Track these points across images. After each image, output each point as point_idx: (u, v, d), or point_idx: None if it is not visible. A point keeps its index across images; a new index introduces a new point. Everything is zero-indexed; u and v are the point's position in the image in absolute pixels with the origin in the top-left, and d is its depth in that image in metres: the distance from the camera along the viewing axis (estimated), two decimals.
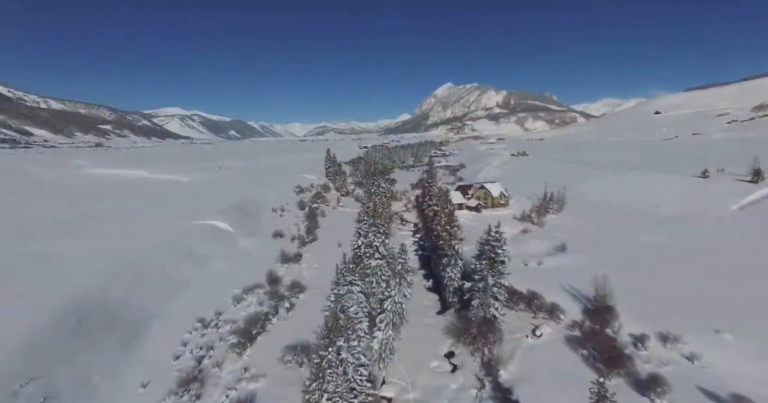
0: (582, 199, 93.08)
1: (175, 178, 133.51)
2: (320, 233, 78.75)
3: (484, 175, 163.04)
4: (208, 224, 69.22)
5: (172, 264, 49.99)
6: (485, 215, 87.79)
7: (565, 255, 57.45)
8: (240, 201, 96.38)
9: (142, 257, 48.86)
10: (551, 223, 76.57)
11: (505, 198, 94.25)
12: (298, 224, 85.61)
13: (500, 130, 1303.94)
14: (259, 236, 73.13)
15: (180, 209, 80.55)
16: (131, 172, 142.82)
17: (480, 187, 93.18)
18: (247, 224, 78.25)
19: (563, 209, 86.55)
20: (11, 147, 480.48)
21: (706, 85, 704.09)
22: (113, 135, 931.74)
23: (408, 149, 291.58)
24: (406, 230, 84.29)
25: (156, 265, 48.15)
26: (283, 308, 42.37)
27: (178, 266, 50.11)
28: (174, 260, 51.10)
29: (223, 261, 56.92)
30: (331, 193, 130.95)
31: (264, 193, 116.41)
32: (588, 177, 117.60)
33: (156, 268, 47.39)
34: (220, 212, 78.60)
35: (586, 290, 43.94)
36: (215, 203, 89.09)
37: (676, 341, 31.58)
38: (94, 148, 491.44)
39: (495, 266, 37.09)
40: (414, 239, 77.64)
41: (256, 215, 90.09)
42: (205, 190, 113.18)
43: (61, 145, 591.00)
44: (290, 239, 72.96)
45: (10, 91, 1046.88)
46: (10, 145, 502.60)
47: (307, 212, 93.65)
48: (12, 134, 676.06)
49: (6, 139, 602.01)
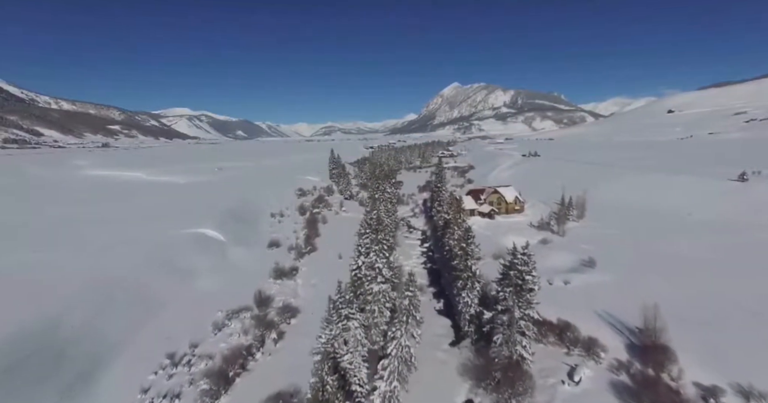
0: (603, 204, 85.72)
1: (172, 180, 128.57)
2: (320, 241, 72.60)
3: (495, 177, 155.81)
4: (197, 232, 63.46)
5: (150, 281, 44.16)
6: (499, 221, 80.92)
7: (594, 272, 50.50)
8: (236, 205, 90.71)
9: (115, 273, 43.11)
10: (573, 231, 69.45)
11: (520, 203, 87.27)
12: (297, 231, 79.58)
13: (508, 129, 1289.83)
14: (253, 245, 67.18)
15: (171, 214, 75.03)
16: (128, 173, 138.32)
17: (493, 191, 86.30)
18: (241, 231, 72.39)
19: (584, 215, 79.31)
20: (19, 147, 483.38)
21: (720, 84, 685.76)
22: (122, 135, 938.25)
23: (414, 149, 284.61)
24: (413, 238, 77.77)
25: (130, 282, 42.34)
26: (271, 338, 36.23)
27: (156, 284, 44.25)
28: (152, 276, 45.27)
29: (209, 276, 51.01)
30: (334, 196, 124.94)
31: (263, 196, 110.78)
32: (607, 179, 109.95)
33: (129, 286, 41.58)
34: (212, 218, 72.88)
35: (626, 317, 37.18)
36: (209, 207, 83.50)
37: (762, 398, 24.69)
38: (100, 148, 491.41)
39: (522, 294, 30.52)
40: (422, 249, 71.11)
41: (253, 220, 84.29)
42: (202, 193, 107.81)
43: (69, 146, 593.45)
44: (287, 248, 66.89)
45: (23, 92, 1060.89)
46: (18, 146, 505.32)
47: (308, 218, 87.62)
48: (23, 135, 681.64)
49: (17, 139, 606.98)
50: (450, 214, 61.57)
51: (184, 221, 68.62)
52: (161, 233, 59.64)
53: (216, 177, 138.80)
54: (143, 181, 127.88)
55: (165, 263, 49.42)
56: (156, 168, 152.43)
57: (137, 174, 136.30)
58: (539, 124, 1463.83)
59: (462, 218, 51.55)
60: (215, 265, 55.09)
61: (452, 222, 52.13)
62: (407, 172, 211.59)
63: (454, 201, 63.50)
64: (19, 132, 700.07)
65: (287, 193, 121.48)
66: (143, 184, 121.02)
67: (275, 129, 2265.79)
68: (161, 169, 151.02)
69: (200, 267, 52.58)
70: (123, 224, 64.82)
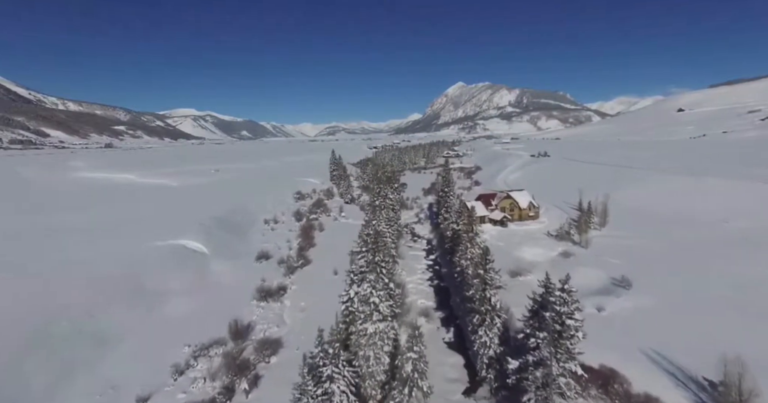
0: (626, 209, 77.91)
1: (165, 182, 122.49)
2: (315, 253, 65.70)
3: (504, 179, 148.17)
4: (176, 244, 56.85)
5: (106, 310, 37.47)
6: (512, 230, 73.55)
7: (631, 294, 43.08)
8: (227, 211, 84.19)
9: (62, 301, 36.45)
10: (597, 242, 61.76)
11: (534, 209, 79.83)
12: (290, 240, 72.80)
13: (513, 129, 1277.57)
14: (240, 257, 60.41)
15: (152, 222, 68.57)
16: (120, 176, 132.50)
17: (505, 196, 78.93)
18: (228, 241, 65.73)
19: (606, 222, 71.58)
20: (23, 148, 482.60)
21: (732, 81, 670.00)
22: (127, 136, 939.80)
23: (419, 150, 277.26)
24: (417, 249, 70.61)
25: (77, 313, 35.68)
26: (242, 388, 29.21)
27: (113, 313, 37.59)
28: (111, 303, 38.60)
29: (182, 299, 44.29)
30: (333, 200, 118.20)
31: (259, 200, 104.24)
32: (628, 182, 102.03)
33: (74, 319, 34.89)
34: (197, 226, 66.26)
35: (686, 361, 29.85)
36: (197, 213, 76.96)
37: None
38: (103, 149, 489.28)
39: (562, 343, 23.35)
40: (428, 261, 63.96)
41: (244, 228, 77.68)
42: (193, 197, 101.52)
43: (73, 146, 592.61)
44: (278, 261, 60.02)
45: (31, 93, 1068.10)
46: (22, 147, 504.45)
47: (303, 225, 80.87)
48: (29, 135, 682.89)
49: (23, 140, 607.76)
50: (460, 225, 54.44)
51: (165, 230, 62.07)
52: (134, 246, 53.05)
53: (212, 179, 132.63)
54: (135, 183, 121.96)
55: (131, 285, 42.75)
56: (150, 170, 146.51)
57: (129, 176, 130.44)
58: (545, 123, 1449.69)
59: (475, 231, 44.38)
60: (193, 283, 48.36)
61: (464, 237, 44.99)
62: (411, 173, 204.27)
63: (465, 209, 56.20)
64: (26, 133, 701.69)
65: (285, 197, 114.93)
66: (134, 187, 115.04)
67: (280, 129, 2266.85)
68: (155, 171, 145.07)
69: (173, 287, 45.87)
70: (93, 235, 58.32)
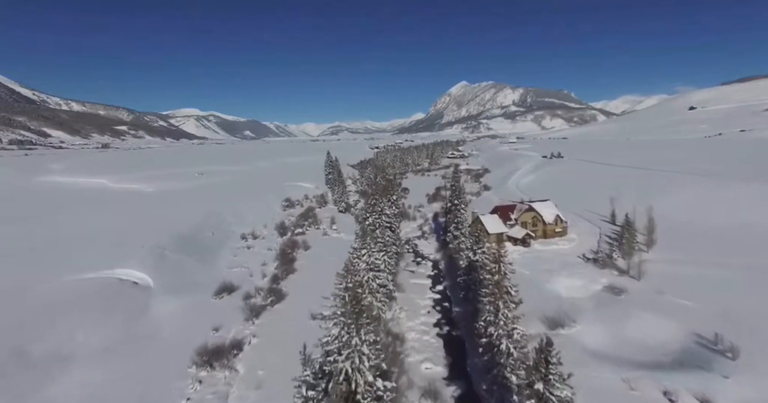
0: (672, 222, 64.05)
1: (138, 187, 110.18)
2: (294, 282, 52.67)
3: (516, 183, 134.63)
4: (110, 276, 44.05)
5: None
6: (538, 251, 60.19)
7: (746, 372, 29.39)
8: (196, 225, 71.55)
9: None
10: (652, 270, 48.01)
11: (561, 224, 66.43)
12: (267, 263, 59.91)
13: (517, 128, 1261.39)
14: (196, 291, 47.45)
15: (92, 242, 55.87)
16: (92, 180, 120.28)
17: (527, 208, 65.52)
18: (186, 268, 52.87)
19: (654, 241, 57.77)
20: (19, 148, 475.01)
21: (745, 78, 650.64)
22: (129, 136, 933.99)
23: (422, 150, 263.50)
24: (421, 275, 57.34)
25: None
26: None
27: None
28: None
29: (87, 368, 31.37)
30: (326, 208, 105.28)
31: (240, 209, 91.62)
32: (663, 187, 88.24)
33: None
34: (149, 248, 53.54)
35: None
36: (156, 229, 64.37)
37: None
38: (98, 149, 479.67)
39: None
40: (434, 294, 50.70)
41: (212, 247, 64.85)
42: (162, 206, 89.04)
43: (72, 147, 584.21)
44: (244, 296, 47.10)
45: (35, 94, 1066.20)
46: (18, 147, 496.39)
47: (285, 242, 67.93)
48: (30, 136, 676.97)
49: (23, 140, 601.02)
50: (478, 253, 41.30)
51: (103, 254, 49.43)
52: (46, 281, 40.31)
53: (192, 184, 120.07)
54: (105, 189, 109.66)
55: (9, 349, 29.93)
56: (128, 174, 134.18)
57: (101, 181, 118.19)
58: (549, 122, 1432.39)
59: (504, 270, 31.12)
60: (115, 337, 35.46)
61: (487, 278, 31.93)
62: (414, 175, 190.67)
63: (483, 231, 42.75)
64: (27, 133, 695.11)
65: (272, 205, 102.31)
66: (102, 193, 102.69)
67: (283, 129, 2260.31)
68: (133, 175, 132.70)
69: (83, 347, 33.06)
70: (12, 264, 45.61)
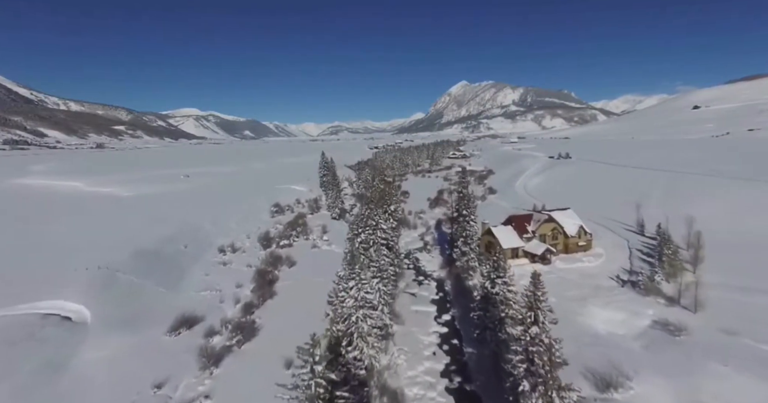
0: (713, 235, 54.74)
1: (114, 191, 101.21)
2: (270, 311, 43.68)
3: (523, 186, 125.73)
4: (29, 313, 35.10)
5: None
6: (560, 271, 51.18)
7: None
8: (166, 237, 62.65)
9: None
10: (710, 299, 38.59)
11: (585, 237, 57.48)
12: (243, 284, 50.96)
13: (517, 128, 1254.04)
14: (147, 325, 38.45)
15: (32, 261, 46.96)
16: (67, 183, 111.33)
17: (547, 218, 56.47)
18: (141, 294, 43.91)
19: (701, 259, 48.58)
20: (11, 148, 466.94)
21: (750, 77, 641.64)
22: (126, 136, 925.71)
23: (422, 150, 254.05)
24: (424, 298, 48.28)
25: None
26: None
27: None
28: None
29: None
30: (319, 214, 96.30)
31: (223, 216, 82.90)
32: (692, 192, 79.40)
33: None
34: (97, 270, 44.62)
35: None
36: (115, 242, 55.60)
37: None
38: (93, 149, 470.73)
39: None
40: (440, 326, 41.65)
41: (183, 264, 55.99)
42: (136, 211, 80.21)
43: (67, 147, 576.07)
44: (205, 332, 38.13)
45: (32, 93, 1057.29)
46: (11, 147, 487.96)
47: (266, 258, 58.92)
48: (26, 136, 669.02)
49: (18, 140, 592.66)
50: (498, 284, 32.48)
51: (31, 279, 40.48)
52: None
53: (174, 188, 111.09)
54: (79, 193, 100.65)
55: None
56: (107, 176, 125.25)
57: (76, 184, 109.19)
58: (549, 122, 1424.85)
59: (543, 320, 22.24)
60: (19, 398, 26.49)
61: (522, 335, 23.08)
62: (414, 177, 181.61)
63: (499, 255, 33.69)
64: (22, 133, 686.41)
65: (259, 211, 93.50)
66: (73, 197, 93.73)
67: (282, 129, 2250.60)
68: (113, 177, 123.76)
69: None
70: None
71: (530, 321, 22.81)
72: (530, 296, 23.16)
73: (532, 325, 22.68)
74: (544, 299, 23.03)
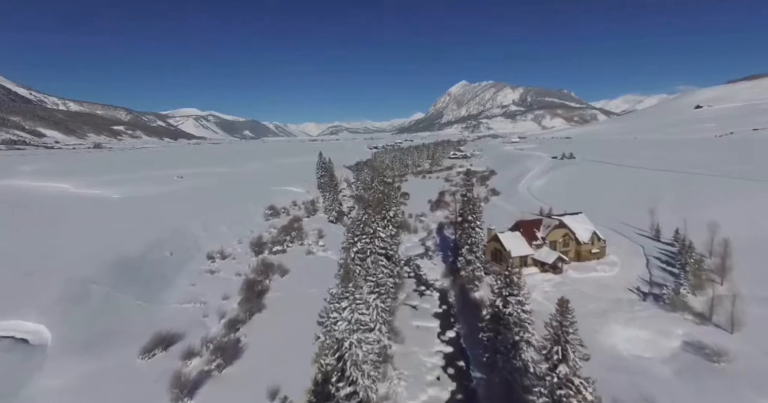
0: (736, 241, 50.94)
1: (104, 193, 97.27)
2: (258, 328, 39.73)
3: (527, 187, 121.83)
4: None
5: None
6: (574, 280, 47.28)
7: None
8: (154, 241, 58.78)
9: None
10: (749, 316, 34.61)
11: (599, 243, 53.56)
12: (230, 296, 47.02)
13: (517, 128, 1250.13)
14: (118, 345, 34.53)
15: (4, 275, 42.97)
16: (54, 184, 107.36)
17: (557, 224, 52.53)
18: (116, 308, 40.00)
19: (728, 269, 44.64)
20: (8, 148, 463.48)
21: (752, 76, 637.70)
22: (126, 136, 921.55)
23: (423, 150, 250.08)
24: (426, 312, 44.37)
25: None
26: None
27: None
28: None
29: None
30: (315, 217, 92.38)
31: (215, 220, 78.96)
32: (706, 195, 75.51)
33: None
34: (67, 283, 40.68)
35: None
36: (98, 247, 51.64)
37: None
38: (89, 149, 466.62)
39: None
40: (444, 345, 37.64)
41: (168, 272, 52.06)
42: (124, 215, 76.28)
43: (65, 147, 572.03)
44: (183, 353, 34.17)
45: (32, 93, 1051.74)
46: (7, 147, 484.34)
47: (257, 266, 54.96)
48: (23, 136, 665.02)
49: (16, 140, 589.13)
50: (512, 304, 28.65)
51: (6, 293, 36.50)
52: None
53: (167, 189, 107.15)
54: (65, 195, 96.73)
55: None
56: (98, 177, 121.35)
57: (64, 186, 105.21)
58: (549, 122, 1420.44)
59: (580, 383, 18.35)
60: None
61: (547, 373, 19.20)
62: (414, 177, 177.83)
63: (512, 270, 29.77)
64: (20, 133, 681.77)
65: (253, 214, 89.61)
66: (59, 200, 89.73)
67: (282, 129, 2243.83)
68: (104, 178, 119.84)
69: None
70: None
71: (557, 358, 18.92)
72: (556, 326, 19.25)
73: (560, 363, 18.79)
74: (574, 331, 19.15)
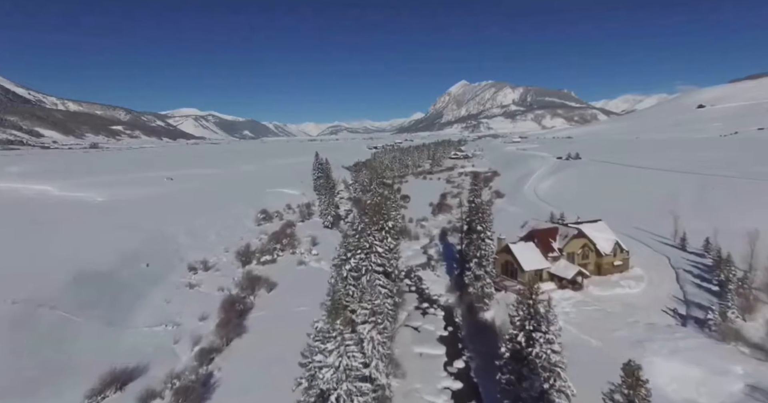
0: None
1: (87, 196, 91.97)
2: (235, 360, 34.21)
3: (533, 189, 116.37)
4: None
5: None
6: (595, 298, 41.79)
7: None
8: (129, 251, 53.36)
9: None
10: None
11: (622, 255, 48.09)
12: (208, 316, 41.53)
13: (517, 128, 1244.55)
14: (60, 386, 28.98)
15: None
16: (36, 187, 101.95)
17: (576, 234, 47.01)
18: (66, 337, 34.56)
19: None
20: (3, 148, 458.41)
21: (755, 75, 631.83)
22: (124, 136, 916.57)
23: (423, 150, 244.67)
24: (430, 338, 38.89)
25: None
26: None
27: None
28: None
29: None
30: (310, 221, 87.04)
31: (202, 225, 73.64)
32: (731, 199, 69.89)
33: None
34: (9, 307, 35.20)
35: None
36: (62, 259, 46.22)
37: None
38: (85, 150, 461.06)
39: None
40: (451, 381, 32.13)
41: (140, 287, 46.63)
42: (104, 220, 70.83)
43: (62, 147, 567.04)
44: (141, 395, 28.60)
45: (30, 93, 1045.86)
46: (2, 147, 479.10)
47: (241, 282, 49.48)
48: (21, 136, 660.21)
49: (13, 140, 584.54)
50: (539, 343, 23.15)
51: None
52: None
53: (156, 191, 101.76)
54: (47, 197, 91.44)
55: None
56: (84, 178, 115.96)
57: (46, 188, 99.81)
58: (549, 122, 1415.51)
59: None
60: None
61: None
62: (415, 178, 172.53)
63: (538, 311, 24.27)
64: (18, 133, 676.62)
65: (244, 218, 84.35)
66: (39, 203, 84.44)
67: (282, 129, 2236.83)
68: (90, 179, 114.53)
69: None
70: None
71: None
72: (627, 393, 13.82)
73: None
74: None
